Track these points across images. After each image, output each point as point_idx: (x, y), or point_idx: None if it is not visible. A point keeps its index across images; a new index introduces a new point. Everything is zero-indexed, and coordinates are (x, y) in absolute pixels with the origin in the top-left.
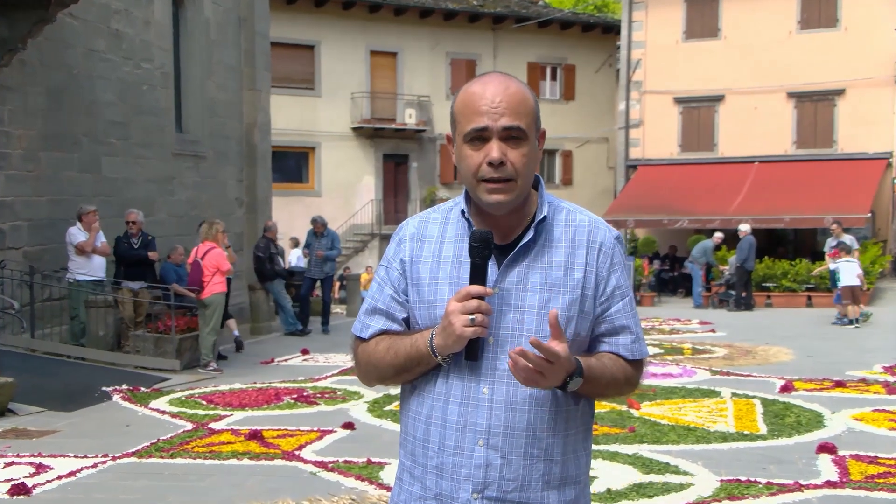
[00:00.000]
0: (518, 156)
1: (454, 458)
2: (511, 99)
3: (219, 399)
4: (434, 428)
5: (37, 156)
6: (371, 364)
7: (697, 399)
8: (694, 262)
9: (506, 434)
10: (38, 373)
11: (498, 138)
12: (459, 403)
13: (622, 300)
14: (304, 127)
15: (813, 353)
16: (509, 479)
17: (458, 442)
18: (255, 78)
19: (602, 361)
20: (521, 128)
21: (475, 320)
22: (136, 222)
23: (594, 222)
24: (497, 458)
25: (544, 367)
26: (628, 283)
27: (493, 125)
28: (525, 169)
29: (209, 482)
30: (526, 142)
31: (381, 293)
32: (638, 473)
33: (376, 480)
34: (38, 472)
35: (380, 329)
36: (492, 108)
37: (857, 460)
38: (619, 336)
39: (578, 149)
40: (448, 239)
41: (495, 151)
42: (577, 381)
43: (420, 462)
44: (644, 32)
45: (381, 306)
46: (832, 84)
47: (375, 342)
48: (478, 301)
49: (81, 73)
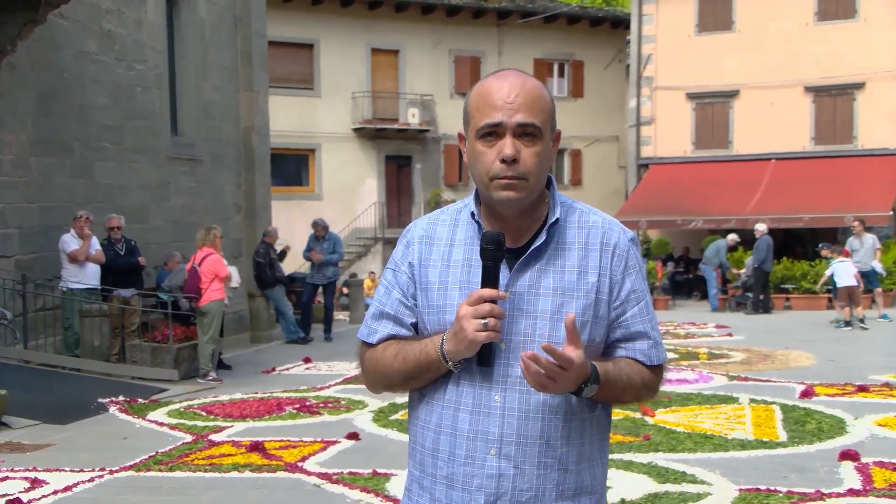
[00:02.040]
0: (531, 154)
1: (465, 468)
2: (528, 95)
3: (219, 410)
4: (444, 437)
5: (27, 162)
6: (378, 371)
7: (714, 406)
8: (707, 263)
9: (518, 443)
10: (31, 385)
11: (512, 135)
12: (470, 411)
13: (638, 304)
14: (303, 128)
15: (834, 356)
16: (522, 489)
17: (470, 451)
18: (252, 79)
19: (619, 366)
20: (536, 125)
21: (488, 325)
22: (119, 227)
23: (608, 223)
24: (510, 467)
25: (557, 373)
26: (644, 287)
27: (507, 121)
28: (538, 168)
29: (210, 496)
30: (541, 140)
31: (388, 297)
32: (653, 483)
33: (382, 492)
34: (33, 487)
35: (387, 334)
36: (507, 103)
37: (880, 467)
38: (635, 341)
39: (588, 148)
40: (458, 242)
41: (509, 147)
42: (593, 388)
43: (429, 472)
44: (655, 26)
45: (388, 310)
46: (851, 77)
47: (383, 348)
48: (490, 305)
49: (72, 76)
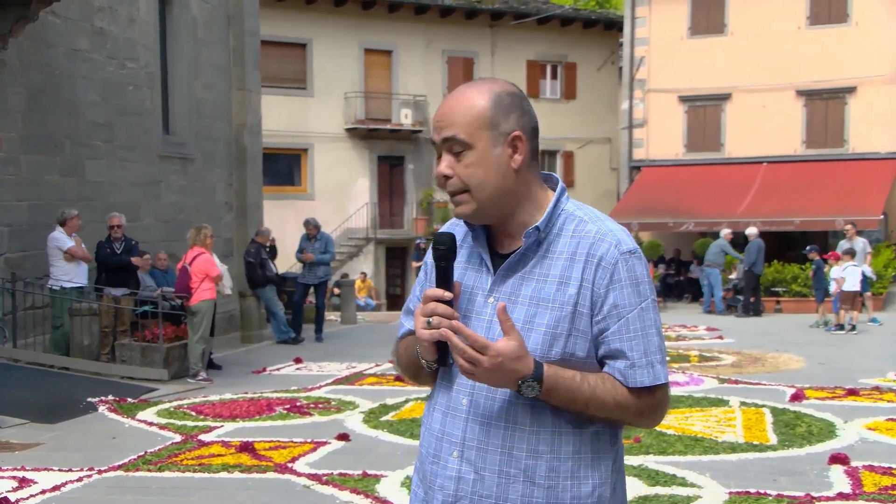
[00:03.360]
0: (462, 167)
1: (432, 466)
2: (453, 109)
3: (208, 410)
4: (425, 435)
5: (17, 159)
6: (400, 363)
7: (705, 408)
8: (711, 265)
9: (479, 448)
10: (20, 384)
11: (446, 152)
12: (443, 412)
13: (619, 320)
14: (295, 128)
15: (824, 360)
16: (483, 495)
17: (437, 451)
18: (244, 77)
19: (585, 377)
20: (455, 137)
21: (430, 323)
22: (119, 226)
23: (601, 234)
24: (470, 471)
25: (474, 359)
26: (635, 302)
27: (437, 140)
28: (475, 178)
29: (199, 496)
30: (471, 150)
31: (413, 294)
32: (643, 485)
33: (372, 494)
34: (21, 487)
35: (408, 329)
36: (436, 123)
37: (870, 471)
38: (615, 360)
39: (580, 150)
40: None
41: (440, 166)
42: (533, 387)
43: (418, 468)
44: (648, 29)
45: (411, 307)
46: (843, 81)
47: (405, 342)
48: (434, 304)
49: (63, 73)
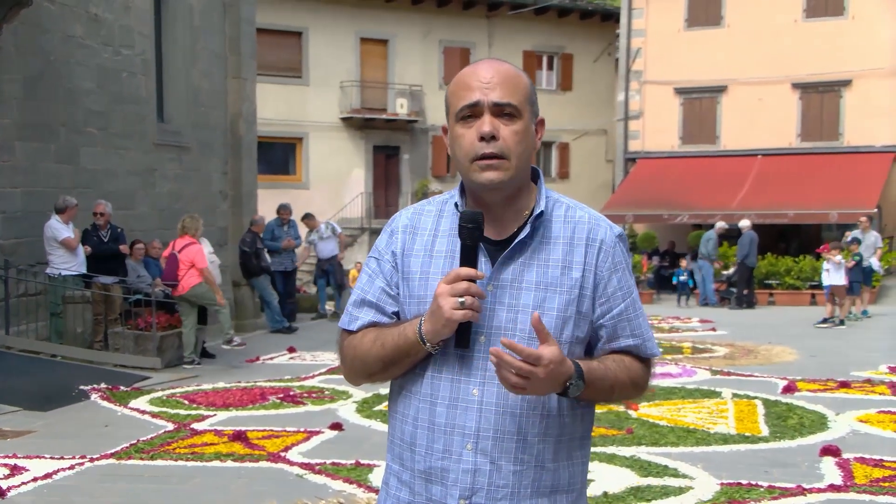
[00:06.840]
0: (510, 132)
1: (442, 462)
2: (504, 75)
3: (202, 399)
4: (421, 430)
5: (12, 146)
6: (357, 357)
7: (697, 400)
8: (704, 258)
9: (495, 438)
10: (13, 371)
11: (490, 113)
12: (447, 405)
13: (625, 301)
14: (291, 117)
15: (817, 352)
16: (499, 485)
17: (447, 445)
18: (240, 66)
19: (605, 364)
20: (512, 104)
21: (464, 303)
22: (104, 214)
23: (595, 219)
24: (486, 462)
25: (529, 372)
26: (632, 283)
27: (483, 99)
28: (518, 147)
29: (191, 485)
30: (520, 119)
31: (371, 285)
32: (636, 476)
33: (365, 483)
34: (13, 474)
35: (369, 321)
36: (483, 83)
37: (861, 463)
38: (623, 338)
39: (576, 141)
40: (441, 233)
41: (486, 125)
42: (579, 385)
43: (408, 466)
44: (644, 20)
45: (370, 298)
46: (839, 74)
47: (362, 334)
48: (467, 283)
49: (59, 60)
